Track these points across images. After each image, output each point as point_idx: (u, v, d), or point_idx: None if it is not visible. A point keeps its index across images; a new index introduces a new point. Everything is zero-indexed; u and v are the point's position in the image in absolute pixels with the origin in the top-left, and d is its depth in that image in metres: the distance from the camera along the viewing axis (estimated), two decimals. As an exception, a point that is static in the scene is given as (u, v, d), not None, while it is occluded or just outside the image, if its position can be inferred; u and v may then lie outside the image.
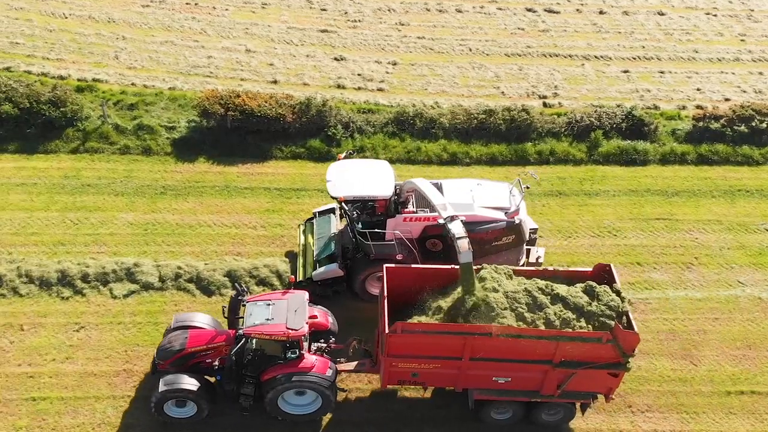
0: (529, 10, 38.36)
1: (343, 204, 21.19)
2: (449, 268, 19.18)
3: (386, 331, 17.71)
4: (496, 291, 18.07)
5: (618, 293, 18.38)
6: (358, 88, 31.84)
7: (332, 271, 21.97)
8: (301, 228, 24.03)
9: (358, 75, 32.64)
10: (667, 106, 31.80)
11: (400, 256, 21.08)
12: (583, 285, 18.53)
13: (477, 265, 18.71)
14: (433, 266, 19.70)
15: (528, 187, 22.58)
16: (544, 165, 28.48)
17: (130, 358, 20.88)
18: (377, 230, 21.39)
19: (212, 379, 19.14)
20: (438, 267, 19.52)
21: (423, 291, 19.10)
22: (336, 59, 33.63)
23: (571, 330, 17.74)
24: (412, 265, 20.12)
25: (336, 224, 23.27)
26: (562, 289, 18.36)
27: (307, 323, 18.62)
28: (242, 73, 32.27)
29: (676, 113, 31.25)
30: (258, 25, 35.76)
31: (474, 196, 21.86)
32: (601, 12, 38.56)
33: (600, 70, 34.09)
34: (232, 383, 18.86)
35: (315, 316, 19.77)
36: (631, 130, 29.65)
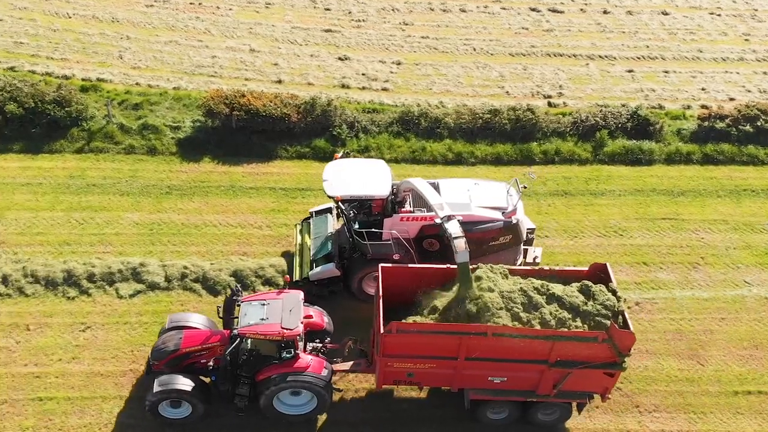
0: (533, 9, 38.34)
1: (340, 203, 21.15)
2: (445, 267, 19.11)
3: (381, 331, 17.65)
4: (492, 291, 17.98)
5: (614, 292, 18.27)
6: (363, 88, 31.81)
7: (329, 270, 21.89)
8: (298, 227, 23.93)
9: (363, 75, 32.60)
10: (671, 106, 31.77)
11: (397, 256, 21.02)
12: (578, 284, 18.41)
13: (473, 265, 18.64)
14: (429, 266, 19.61)
15: (525, 187, 22.46)
16: (549, 165, 28.46)
17: (136, 358, 20.84)
18: (374, 230, 21.31)
19: (207, 380, 19.04)
20: (433, 267, 19.43)
21: (419, 291, 19.03)
22: (340, 59, 33.59)
23: (566, 330, 17.66)
24: (408, 265, 20.02)
25: (333, 224, 23.17)
26: (557, 288, 18.27)
27: (302, 323, 18.56)
28: (246, 72, 32.23)
29: (681, 113, 31.23)
30: (262, 24, 35.73)
31: (471, 196, 21.76)
32: (605, 12, 38.54)
33: (604, 70, 34.05)
34: (227, 383, 18.78)
35: (310, 316, 19.69)
36: (636, 130, 29.61)
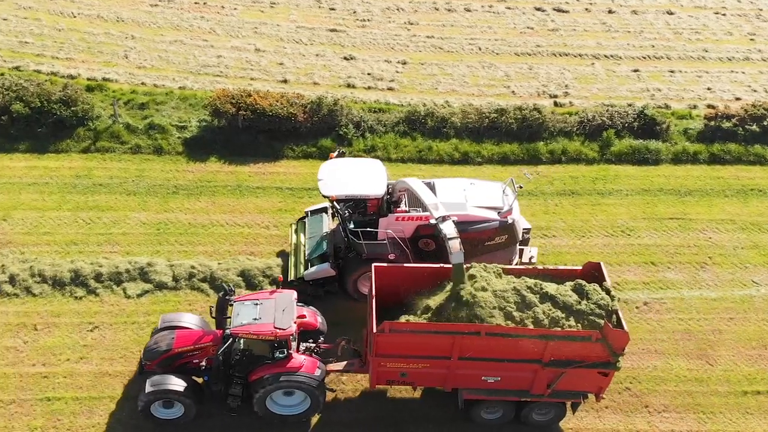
0: (538, 9, 38.26)
1: (335, 203, 21.08)
2: (438, 267, 19.07)
3: (374, 331, 17.60)
4: (485, 290, 17.94)
5: (608, 292, 18.26)
6: (368, 88, 31.76)
7: (324, 270, 21.81)
8: (293, 227, 23.87)
9: (368, 74, 32.56)
10: (678, 106, 31.73)
11: (392, 256, 20.97)
12: (572, 283, 18.39)
13: (467, 264, 18.60)
14: (423, 265, 19.55)
15: (521, 187, 22.38)
16: (556, 164, 28.41)
17: (144, 358, 20.83)
18: (369, 229, 21.24)
19: (200, 380, 19.01)
20: (427, 266, 19.37)
21: (412, 290, 18.96)
22: (345, 58, 33.55)
23: (560, 329, 17.63)
24: (401, 264, 19.97)
25: (328, 223, 23.12)
26: (551, 287, 18.24)
27: (295, 323, 18.52)
28: (252, 72, 32.19)
29: (688, 112, 31.19)
30: (267, 24, 35.69)
31: (467, 196, 21.72)
32: (610, 11, 38.47)
33: (610, 70, 34.00)
34: (220, 384, 18.74)
35: (303, 316, 19.64)
36: (642, 130, 29.57)
